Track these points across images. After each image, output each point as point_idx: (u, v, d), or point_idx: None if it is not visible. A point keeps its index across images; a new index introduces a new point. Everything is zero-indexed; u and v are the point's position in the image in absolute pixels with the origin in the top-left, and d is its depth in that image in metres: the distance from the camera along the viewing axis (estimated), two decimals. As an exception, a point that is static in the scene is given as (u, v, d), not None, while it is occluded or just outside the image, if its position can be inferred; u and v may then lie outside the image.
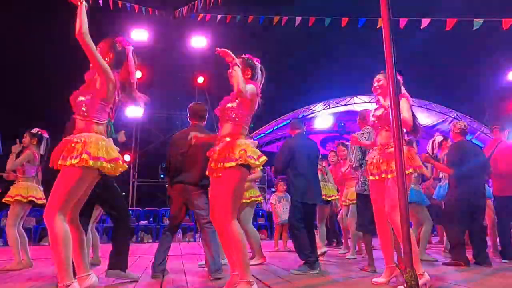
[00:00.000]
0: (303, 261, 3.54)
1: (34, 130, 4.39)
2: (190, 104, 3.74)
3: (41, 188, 4.38)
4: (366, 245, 3.88)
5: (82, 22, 2.21)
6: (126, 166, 2.43)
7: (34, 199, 4.20)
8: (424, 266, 2.72)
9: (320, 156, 4.38)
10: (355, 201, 4.84)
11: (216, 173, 2.53)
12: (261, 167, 2.78)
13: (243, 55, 2.73)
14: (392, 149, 2.83)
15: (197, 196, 3.40)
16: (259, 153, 2.54)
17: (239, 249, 2.39)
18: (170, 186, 3.60)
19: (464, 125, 4.29)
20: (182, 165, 3.46)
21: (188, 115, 3.71)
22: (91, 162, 2.19)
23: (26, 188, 4.19)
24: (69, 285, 2.09)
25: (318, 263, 3.63)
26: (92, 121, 2.33)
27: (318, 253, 3.91)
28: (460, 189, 4.02)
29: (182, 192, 3.44)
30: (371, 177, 2.98)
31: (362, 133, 3.85)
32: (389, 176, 2.77)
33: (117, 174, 2.42)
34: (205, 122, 3.73)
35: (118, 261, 3.06)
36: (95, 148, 2.24)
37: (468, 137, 11.16)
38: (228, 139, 2.53)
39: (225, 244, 2.56)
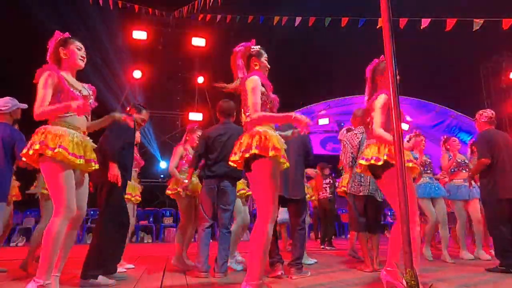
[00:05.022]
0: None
1: None
2: (219, 102, 3.76)
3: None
4: (361, 244, 3.71)
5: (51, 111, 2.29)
6: None
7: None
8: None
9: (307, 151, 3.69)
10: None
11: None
12: None
13: (255, 46, 2.67)
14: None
15: None
16: None
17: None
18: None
19: (492, 113, 3.96)
20: None
21: (218, 113, 3.77)
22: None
23: None
24: (48, 283, 2.22)
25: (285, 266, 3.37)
26: None
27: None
28: (493, 184, 3.62)
29: None
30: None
31: (356, 133, 3.83)
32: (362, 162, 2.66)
33: None
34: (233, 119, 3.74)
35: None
36: None
37: (468, 138, 11.10)
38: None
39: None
